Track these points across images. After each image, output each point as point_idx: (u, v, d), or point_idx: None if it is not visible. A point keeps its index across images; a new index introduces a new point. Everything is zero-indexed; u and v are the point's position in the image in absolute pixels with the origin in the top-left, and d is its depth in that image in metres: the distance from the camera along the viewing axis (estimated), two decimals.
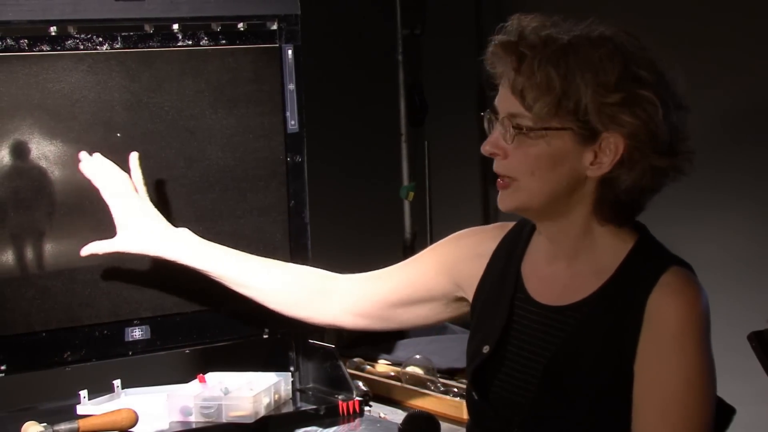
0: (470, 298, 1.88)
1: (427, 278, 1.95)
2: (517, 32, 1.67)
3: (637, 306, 1.64)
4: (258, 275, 2.05)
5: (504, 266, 1.83)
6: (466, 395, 1.85)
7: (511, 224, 1.88)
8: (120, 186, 2.05)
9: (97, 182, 2.05)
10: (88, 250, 2.05)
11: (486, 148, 1.71)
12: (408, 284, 1.97)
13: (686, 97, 1.69)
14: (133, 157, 2.09)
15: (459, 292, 1.92)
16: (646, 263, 1.68)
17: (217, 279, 2.06)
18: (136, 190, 2.06)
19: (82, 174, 2.06)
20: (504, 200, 1.72)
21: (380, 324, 2.03)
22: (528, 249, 1.82)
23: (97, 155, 2.07)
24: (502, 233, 1.88)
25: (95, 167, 2.06)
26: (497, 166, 1.71)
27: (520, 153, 1.68)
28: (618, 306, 1.67)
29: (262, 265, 2.07)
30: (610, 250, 1.72)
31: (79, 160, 2.06)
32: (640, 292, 1.65)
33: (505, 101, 1.69)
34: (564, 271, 1.75)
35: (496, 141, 1.70)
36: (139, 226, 2.03)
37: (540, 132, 1.65)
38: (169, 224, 2.07)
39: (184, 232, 2.07)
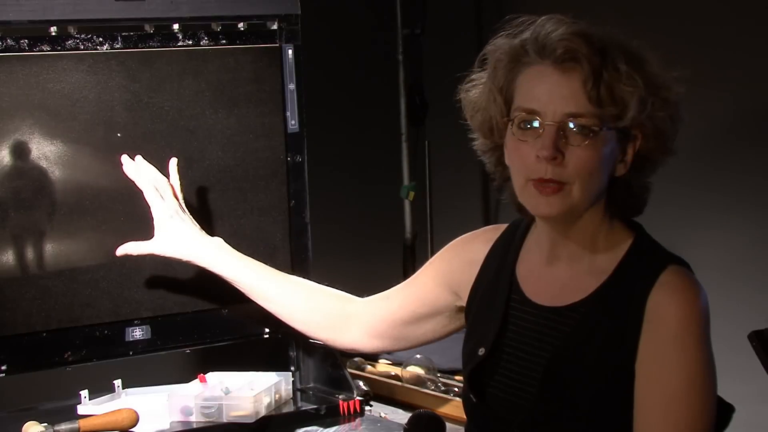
0: (465, 303, 1.89)
1: (427, 291, 1.95)
2: (577, 31, 1.65)
3: (637, 305, 1.65)
4: (286, 293, 2.06)
5: (497, 268, 1.83)
6: (462, 397, 1.84)
7: (503, 226, 1.88)
8: (162, 189, 2.06)
9: (141, 184, 2.06)
10: (123, 250, 2.06)
11: (546, 153, 1.63)
12: (413, 300, 1.97)
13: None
14: (173, 163, 2.11)
15: (459, 301, 1.92)
16: (645, 263, 1.68)
17: (243, 290, 2.08)
18: (176, 196, 2.07)
19: (124, 175, 2.07)
20: (553, 205, 1.66)
21: (395, 344, 2.04)
22: (522, 250, 1.82)
23: (140, 158, 2.08)
24: (494, 236, 1.88)
25: (139, 170, 2.07)
26: (552, 172, 1.64)
27: (580, 155, 1.64)
28: (617, 306, 1.67)
29: (291, 283, 2.08)
30: (607, 250, 1.72)
31: (120, 163, 2.07)
32: (639, 291, 1.65)
33: (563, 101, 1.63)
34: (563, 272, 1.75)
35: (555, 144, 1.63)
36: (176, 230, 2.05)
37: (602, 132, 1.64)
38: (203, 231, 2.08)
39: (218, 241, 2.08)
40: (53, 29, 2.09)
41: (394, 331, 2.01)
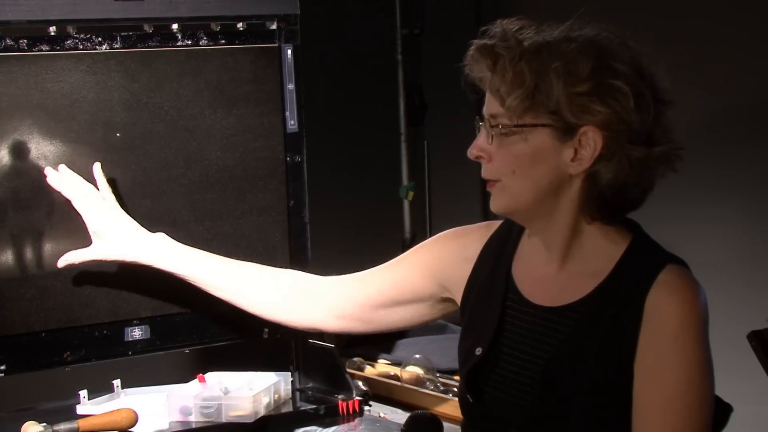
0: (459, 300, 1.88)
1: (412, 280, 1.94)
2: (495, 35, 1.69)
3: (636, 305, 1.65)
4: (235, 278, 2.05)
5: (493, 267, 1.83)
6: (459, 397, 1.84)
7: (497, 223, 1.88)
8: (89, 196, 2.06)
9: (67, 193, 2.06)
10: (64, 261, 2.06)
11: (472, 152, 1.73)
12: (393, 286, 1.96)
13: (670, 92, 1.70)
14: (96, 167, 2.09)
15: (445, 293, 1.91)
16: (643, 262, 1.68)
17: (194, 283, 2.06)
18: (104, 199, 2.07)
19: (51, 187, 2.06)
20: (492, 202, 1.74)
21: (363, 326, 2.01)
22: (518, 250, 1.82)
23: (63, 167, 2.08)
24: (488, 233, 1.88)
25: (62, 179, 2.06)
26: (483, 171, 1.73)
27: (502, 153, 1.70)
28: (616, 305, 1.67)
29: (239, 267, 2.07)
30: (605, 250, 1.71)
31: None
32: (637, 291, 1.65)
33: (487, 104, 1.71)
34: (558, 273, 1.75)
35: (480, 144, 1.72)
36: (112, 233, 2.05)
37: (516, 129, 1.67)
38: (143, 230, 2.07)
39: (160, 236, 2.07)
40: (52, 29, 2.09)
41: (364, 314, 1.98)
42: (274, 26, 2.28)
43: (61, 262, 2.06)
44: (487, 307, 1.80)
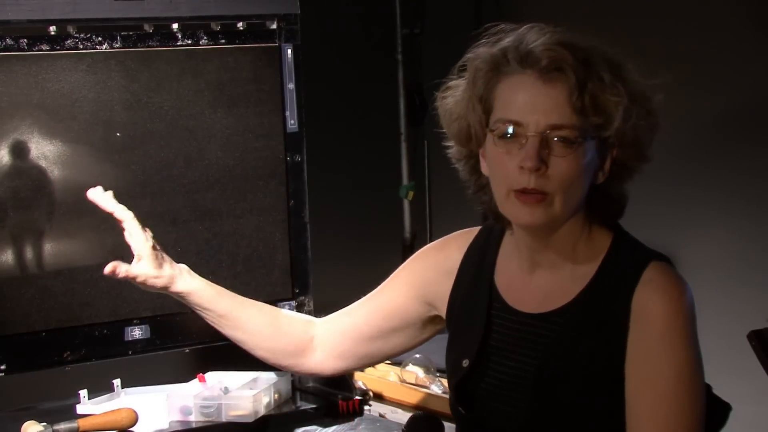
0: (444, 314, 1.87)
1: (397, 304, 1.92)
2: (561, 41, 1.63)
3: (622, 305, 1.64)
4: (253, 320, 1.97)
5: (474, 276, 1.81)
6: (451, 408, 1.82)
7: (475, 230, 1.87)
8: (135, 219, 1.94)
9: (122, 214, 1.92)
10: (110, 267, 1.90)
11: (530, 164, 1.61)
12: (379, 315, 1.93)
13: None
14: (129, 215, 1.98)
15: (432, 311, 1.90)
16: (626, 261, 1.68)
17: (211, 319, 1.97)
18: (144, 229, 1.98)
19: (95, 191, 1.94)
20: (535, 215, 1.65)
21: (359, 362, 2.00)
22: (499, 257, 1.81)
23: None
24: (466, 242, 1.86)
25: (114, 204, 1.94)
26: (535, 183, 1.62)
27: (563, 166, 1.63)
28: (602, 307, 1.67)
29: (257, 309, 2.00)
30: (588, 252, 1.71)
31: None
32: (623, 291, 1.65)
33: (546, 112, 1.62)
34: (545, 279, 1.74)
35: (539, 155, 1.62)
36: (155, 258, 1.92)
37: (583, 142, 1.63)
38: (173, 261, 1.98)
39: (184, 267, 1.97)
40: (52, 29, 2.09)
41: (359, 348, 1.96)
42: (274, 26, 2.28)
43: (108, 269, 1.91)
44: (472, 317, 1.79)
